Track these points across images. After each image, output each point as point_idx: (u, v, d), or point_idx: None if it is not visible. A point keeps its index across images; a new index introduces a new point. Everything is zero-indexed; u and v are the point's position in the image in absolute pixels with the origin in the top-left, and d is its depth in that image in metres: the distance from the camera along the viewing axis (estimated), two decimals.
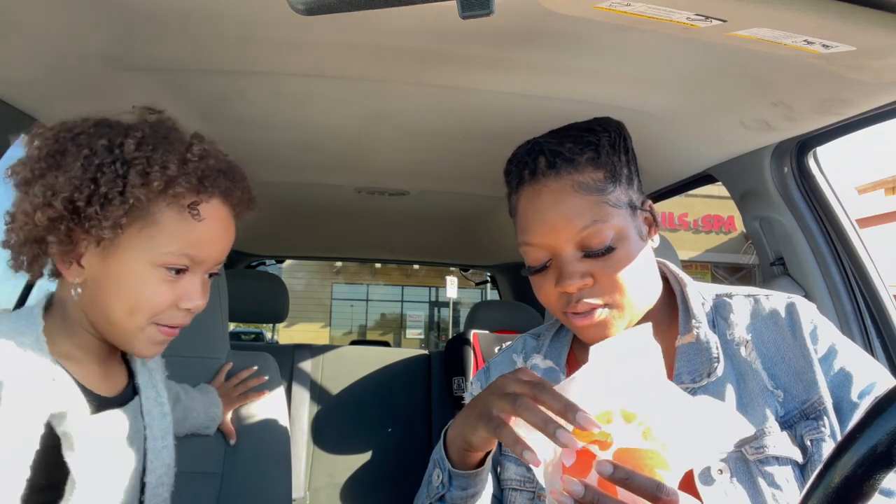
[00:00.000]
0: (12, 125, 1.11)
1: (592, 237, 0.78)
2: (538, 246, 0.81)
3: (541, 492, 0.82)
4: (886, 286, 1.24)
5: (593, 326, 0.79)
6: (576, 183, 0.79)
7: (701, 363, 0.80)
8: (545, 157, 0.82)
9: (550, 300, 0.82)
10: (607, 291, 0.78)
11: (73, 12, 0.90)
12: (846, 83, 0.92)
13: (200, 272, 0.78)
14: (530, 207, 0.82)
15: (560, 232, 0.78)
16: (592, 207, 0.78)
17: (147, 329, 0.76)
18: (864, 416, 0.44)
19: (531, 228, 0.81)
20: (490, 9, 0.54)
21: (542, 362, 0.90)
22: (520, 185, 0.84)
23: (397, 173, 1.80)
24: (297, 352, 2.39)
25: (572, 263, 0.79)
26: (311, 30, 0.95)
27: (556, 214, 0.79)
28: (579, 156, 0.80)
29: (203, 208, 0.75)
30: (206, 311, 1.29)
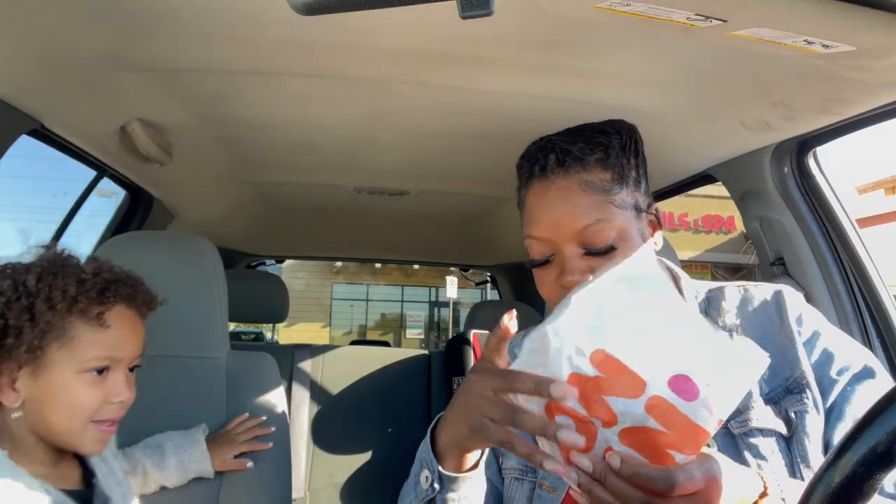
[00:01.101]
0: (12, 125, 1.11)
1: (595, 235, 0.80)
2: (542, 240, 0.83)
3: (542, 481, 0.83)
4: (886, 286, 1.24)
5: None
6: (583, 182, 0.82)
7: None
8: (556, 154, 0.84)
9: (551, 294, 0.85)
10: None
11: (73, 12, 0.90)
12: (846, 83, 0.92)
13: (121, 369, 0.90)
14: (537, 202, 0.85)
15: (564, 228, 0.81)
16: (597, 206, 0.80)
17: (88, 429, 0.87)
18: (864, 416, 0.44)
19: (537, 223, 0.84)
20: (490, 9, 0.54)
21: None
22: (529, 180, 0.87)
23: (397, 173, 1.79)
24: (297, 352, 2.38)
25: (574, 260, 0.81)
26: (311, 30, 0.95)
27: (562, 211, 0.81)
28: (589, 155, 0.83)
29: (109, 315, 0.87)
30: (205, 312, 1.30)
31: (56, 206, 2.19)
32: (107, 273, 0.90)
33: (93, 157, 1.44)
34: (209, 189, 1.92)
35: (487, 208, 2.17)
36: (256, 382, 1.31)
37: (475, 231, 2.51)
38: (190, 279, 1.28)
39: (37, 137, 1.25)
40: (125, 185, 1.75)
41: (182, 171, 1.65)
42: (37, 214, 7.01)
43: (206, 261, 1.30)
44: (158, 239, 1.38)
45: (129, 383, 0.91)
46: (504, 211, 2.19)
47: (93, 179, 1.77)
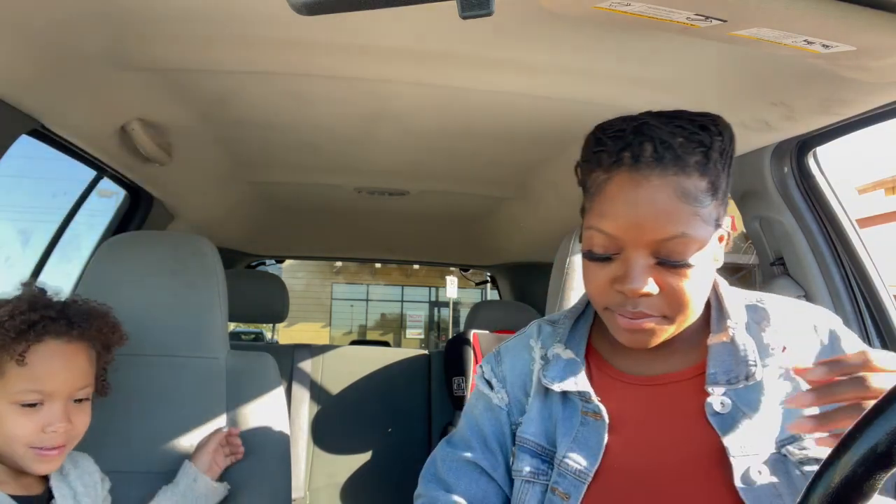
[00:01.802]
0: (12, 125, 1.11)
1: (675, 247, 0.72)
2: (613, 237, 0.74)
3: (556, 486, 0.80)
4: (886, 286, 1.24)
5: (638, 332, 0.76)
6: (680, 187, 0.72)
7: (737, 365, 0.77)
8: (653, 145, 0.73)
9: (600, 293, 0.77)
10: (668, 305, 0.74)
11: (73, 12, 0.90)
12: (846, 83, 0.92)
13: (58, 401, 0.93)
14: (620, 195, 0.74)
15: (646, 233, 0.72)
16: (687, 218, 0.72)
17: (27, 454, 0.91)
18: (864, 416, 0.44)
19: (614, 217, 0.74)
20: (490, 9, 0.54)
21: (564, 352, 0.85)
22: (615, 166, 0.75)
23: (397, 173, 1.79)
24: (297, 352, 2.38)
25: (643, 267, 0.73)
26: (310, 30, 0.95)
27: (649, 214, 0.72)
28: (689, 156, 0.73)
29: (35, 350, 0.92)
30: (205, 312, 1.30)
31: (56, 206, 2.18)
32: (26, 314, 0.93)
33: (93, 156, 1.43)
34: (209, 189, 1.92)
35: (487, 208, 2.17)
36: (256, 382, 1.31)
37: (475, 231, 2.51)
38: (190, 279, 1.28)
39: (37, 137, 1.25)
40: (125, 185, 1.75)
41: (182, 171, 1.65)
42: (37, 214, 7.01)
43: (206, 261, 1.30)
44: (158, 239, 1.38)
45: (75, 413, 0.95)
46: (504, 211, 2.19)
47: (93, 179, 1.77)
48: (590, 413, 0.79)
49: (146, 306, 1.25)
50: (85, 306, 1.03)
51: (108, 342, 1.04)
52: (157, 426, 1.21)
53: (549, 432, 0.82)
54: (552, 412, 0.83)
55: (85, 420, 0.98)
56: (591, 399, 0.79)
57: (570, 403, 0.82)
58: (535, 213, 2.10)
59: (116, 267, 1.27)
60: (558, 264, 1.25)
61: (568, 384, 0.81)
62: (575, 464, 0.77)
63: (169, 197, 1.87)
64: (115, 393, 1.19)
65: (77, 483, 1.02)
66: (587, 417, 0.79)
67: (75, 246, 2.04)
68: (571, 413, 0.81)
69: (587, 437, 0.78)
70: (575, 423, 0.80)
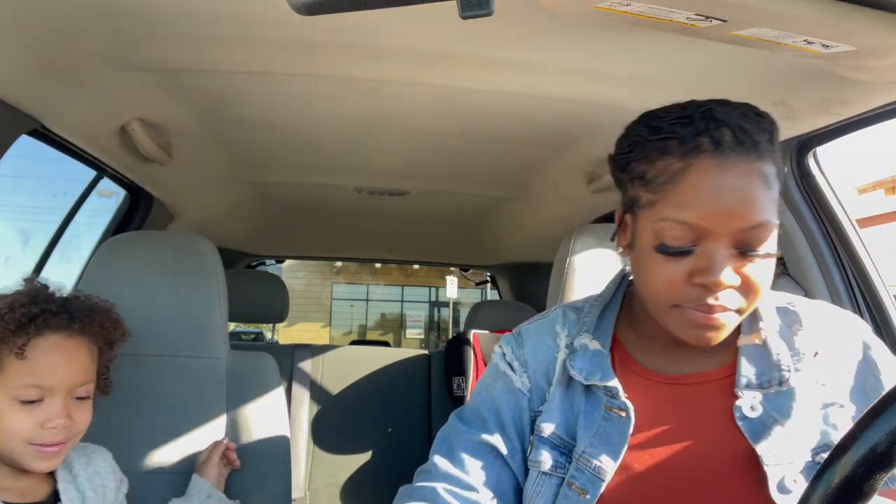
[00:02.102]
0: (12, 125, 1.11)
1: (759, 235, 0.69)
2: (695, 227, 0.69)
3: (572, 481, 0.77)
4: (886, 286, 1.24)
5: (710, 328, 0.72)
6: (762, 172, 0.69)
7: (769, 369, 0.76)
8: (731, 130, 0.70)
9: (672, 288, 0.72)
10: (745, 296, 0.71)
11: (73, 12, 0.90)
12: (846, 83, 0.92)
13: (58, 396, 0.92)
14: (707, 183, 0.69)
15: (735, 221, 0.68)
16: (768, 205, 0.69)
17: (26, 450, 0.90)
18: (863, 416, 0.44)
19: (699, 206, 0.69)
20: (490, 9, 0.54)
21: (591, 343, 0.82)
22: (695, 153, 0.70)
23: (397, 173, 1.79)
24: (297, 352, 2.38)
25: (725, 257, 0.69)
26: (310, 30, 0.95)
27: (739, 201, 0.68)
28: (762, 141, 0.70)
29: (36, 344, 0.91)
30: (205, 312, 1.29)
31: (56, 206, 2.18)
32: (26, 307, 0.92)
33: (93, 157, 1.43)
34: (209, 189, 1.92)
35: (487, 208, 2.17)
36: (256, 382, 1.31)
37: (475, 231, 2.51)
38: (190, 279, 1.28)
39: (37, 137, 1.25)
40: (125, 185, 1.75)
41: (182, 171, 1.65)
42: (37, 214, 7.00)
43: (206, 261, 1.30)
44: (158, 239, 1.38)
45: (76, 410, 0.94)
46: (504, 211, 2.19)
47: (93, 179, 1.77)
48: (614, 409, 0.77)
49: (146, 306, 1.25)
50: (87, 302, 1.02)
51: (111, 338, 1.03)
52: (157, 426, 1.21)
53: (570, 424, 0.79)
54: (574, 403, 0.80)
55: (86, 417, 0.97)
56: (619, 395, 0.77)
57: (594, 397, 0.79)
58: (535, 213, 2.10)
59: (116, 267, 1.27)
60: (558, 264, 1.25)
61: (595, 378, 0.78)
62: (595, 460, 0.75)
63: (169, 197, 1.87)
64: (115, 392, 1.19)
65: (86, 486, 1.01)
66: (611, 413, 0.77)
67: (75, 246, 2.04)
68: (594, 407, 0.78)
69: (609, 434, 0.76)
70: (597, 417, 0.77)
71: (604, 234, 1.27)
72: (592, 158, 1.54)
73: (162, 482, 1.18)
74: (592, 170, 1.60)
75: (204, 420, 1.25)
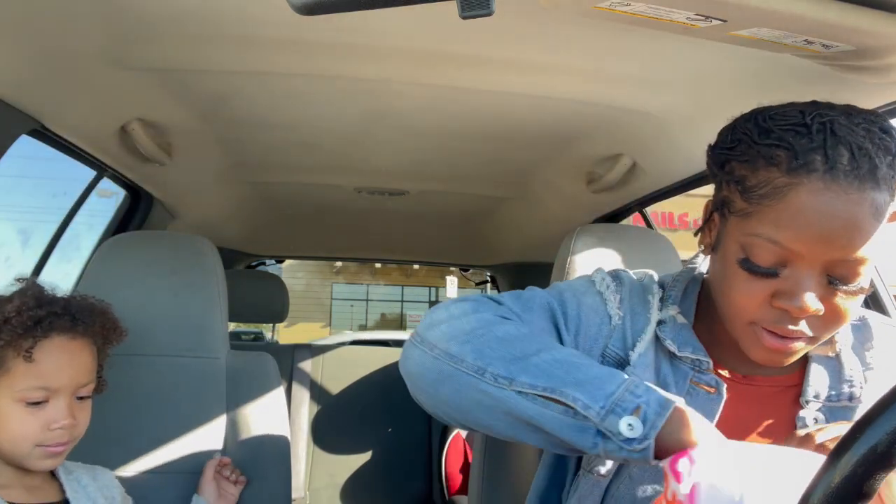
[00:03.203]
0: (12, 125, 1.11)
1: (855, 268, 0.65)
2: (788, 250, 0.65)
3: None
4: (886, 286, 1.24)
5: (779, 352, 0.69)
6: (874, 204, 0.63)
7: (839, 383, 0.74)
8: (850, 151, 0.63)
9: (753, 307, 0.69)
10: (824, 327, 0.68)
11: (73, 12, 0.90)
12: (846, 83, 0.91)
13: (63, 397, 0.93)
14: (812, 208, 0.63)
15: (832, 251, 0.64)
16: (874, 238, 0.64)
17: (33, 452, 0.91)
18: (864, 416, 0.44)
19: (798, 230, 0.64)
20: (490, 9, 0.54)
21: (678, 316, 0.79)
22: (804, 171, 0.64)
23: (397, 173, 1.79)
24: (297, 352, 2.39)
25: (815, 285, 0.65)
26: (311, 30, 0.95)
27: (844, 231, 0.63)
28: (881, 167, 0.63)
29: (42, 346, 0.91)
30: (205, 312, 1.30)
31: (56, 206, 2.18)
32: (35, 309, 0.93)
33: (93, 157, 1.43)
34: (209, 189, 1.92)
35: (487, 208, 2.17)
36: (256, 382, 1.31)
37: (475, 231, 2.51)
38: (190, 279, 1.28)
39: (37, 137, 1.25)
40: (125, 185, 1.75)
41: (182, 171, 1.65)
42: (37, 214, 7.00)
43: (206, 261, 1.30)
44: (158, 239, 1.38)
45: (79, 410, 0.95)
46: (504, 211, 2.19)
47: (93, 179, 1.77)
48: (701, 384, 0.74)
49: (146, 306, 1.25)
50: (85, 302, 1.03)
51: (109, 338, 1.05)
52: (157, 426, 1.22)
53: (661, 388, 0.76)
54: (661, 369, 0.77)
55: (87, 417, 0.98)
56: (708, 369, 0.74)
57: (679, 371, 0.76)
58: (535, 214, 2.10)
59: (116, 267, 1.27)
60: (559, 264, 1.25)
61: (687, 350, 0.76)
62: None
63: (169, 197, 1.87)
64: (115, 393, 1.19)
65: (98, 495, 1.02)
66: (697, 388, 0.74)
67: (75, 246, 2.04)
68: (679, 379, 0.76)
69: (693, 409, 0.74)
70: (681, 390, 0.75)
71: (604, 234, 1.27)
72: (592, 158, 1.54)
73: (162, 482, 1.18)
74: (592, 170, 1.60)
75: (204, 420, 1.25)
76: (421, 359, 0.72)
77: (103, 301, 1.07)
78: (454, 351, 0.69)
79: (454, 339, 0.70)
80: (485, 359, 0.67)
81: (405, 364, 0.75)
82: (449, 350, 0.69)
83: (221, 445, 1.24)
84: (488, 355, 0.67)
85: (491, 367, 0.66)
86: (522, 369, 0.65)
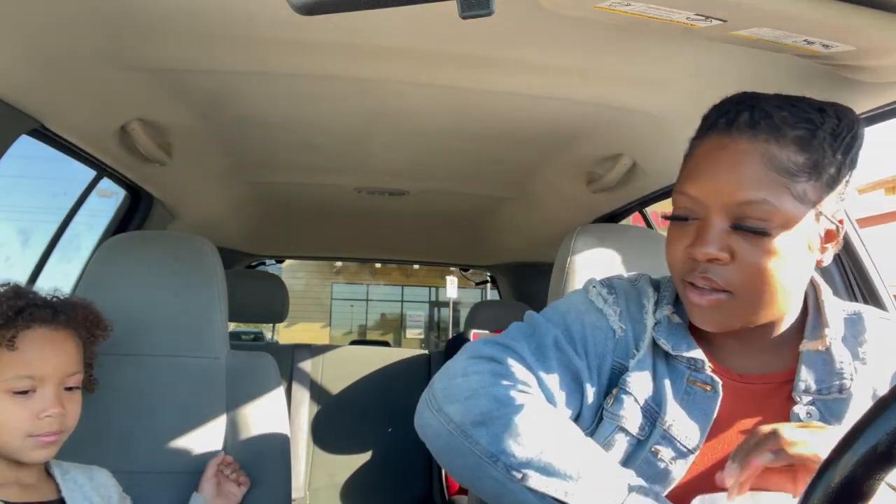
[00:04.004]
0: (12, 125, 1.11)
1: (754, 212, 0.69)
2: (695, 200, 0.73)
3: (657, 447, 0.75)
4: (886, 286, 1.24)
5: (703, 308, 0.73)
6: (769, 154, 0.69)
7: (830, 376, 0.75)
8: (751, 113, 0.71)
9: (676, 259, 0.75)
10: (738, 277, 0.71)
11: (73, 12, 0.90)
12: (846, 83, 0.92)
13: (50, 386, 0.94)
14: (706, 158, 0.73)
15: (723, 196, 0.70)
16: (772, 186, 0.69)
17: (25, 442, 0.92)
18: (864, 416, 0.44)
19: (695, 181, 0.73)
20: (490, 9, 0.54)
21: (672, 316, 0.81)
22: (708, 131, 0.75)
23: (397, 173, 1.80)
24: (297, 352, 2.39)
25: (716, 232, 0.71)
26: (310, 30, 0.95)
27: (730, 176, 0.70)
28: (789, 129, 0.70)
29: (24, 336, 0.93)
30: (205, 312, 1.30)
31: (56, 206, 2.18)
32: (12, 300, 0.95)
33: (93, 157, 1.44)
34: (209, 189, 1.92)
35: (487, 208, 2.17)
36: (256, 382, 1.31)
37: (475, 231, 2.51)
38: (190, 279, 1.28)
39: (37, 137, 1.25)
40: (125, 185, 1.75)
41: (182, 171, 1.65)
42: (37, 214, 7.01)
43: (206, 261, 1.30)
44: (158, 239, 1.38)
45: (67, 401, 0.97)
46: (504, 211, 2.19)
47: (93, 179, 1.77)
48: (698, 383, 0.76)
49: (146, 306, 1.25)
50: (67, 298, 1.04)
51: (93, 332, 1.06)
52: (157, 426, 1.21)
53: (657, 392, 0.78)
54: (657, 371, 0.79)
55: (76, 409, 0.99)
56: (704, 368, 0.76)
57: (676, 371, 0.78)
58: (535, 214, 2.10)
59: (116, 267, 1.27)
60: (559, 264, 1.25)
61: (681, 349, 0.78)
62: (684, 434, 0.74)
63: (169, 197, 1.87)
64: (115, 393, 1.19)
65: (94, 495, 1.03)
66: (693, 387, 0.76)
67: (75, 246, 2.04)
68: (676, 379, 0.78)
69: (691, 408, 0.75)
70: (678, 390, 0.77)
71: (604, 234, 1.27)
72: (592, 158, 1.54)
73: (162, 482, 1.18)
74: (592, 170, 1.60)
75: (204, 420, 1.25)
76: (437, 429, 0.74)
77: (85, 299, 1.08)
78: (469, 432, 0.71)
79: (469, 417, 0.71)
80: (499, 445, 0.69)
81: (421, 424, 0.76)
82: (464, 429, 0.71)
83: (221, 445, 1.24)
84: (502, 443, 0.69)
85: (504, 456, 0.68)
86: (536, 466, 0.67)
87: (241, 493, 1.18)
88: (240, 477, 1.19)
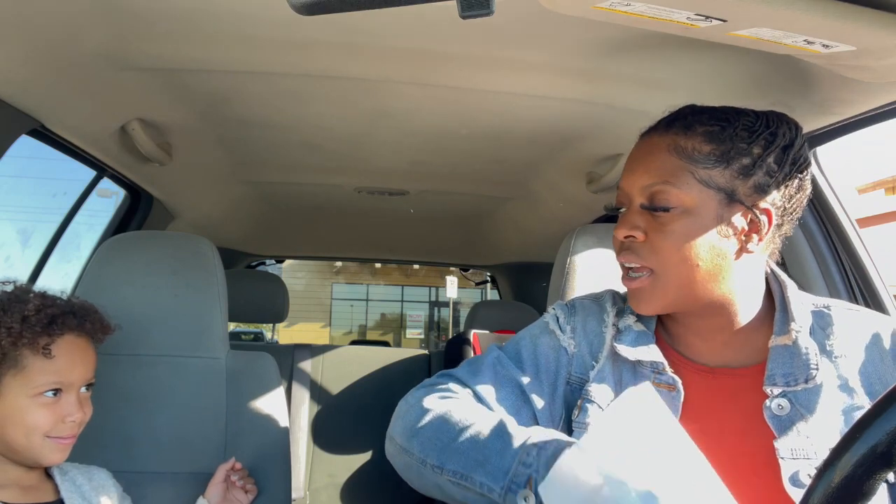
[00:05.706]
0: (12, 125, 1.11)
1: (657, 195, 0.78)
2: (622, 190, 0.83)
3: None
4: (886, 286, 1.24)
5: (635, 291, 0.81)
6: (675, 144, 0.78)
7: (797, 367, 0.77)
8: (672, 117, 0.82)
9: (614, 246, 0.84)
10: (650, 253, 0.78)
11: (73, 12, 0.90)
12: (846, 83, 0.92)
13: (74, 391, 0.97)
14: (631, 156, 0.84)
15: (636, 181, 0.80)
16: (673, 171, 0.77)
17: (45, 444, 0.94)
18: (863, 416, 0.44)
19: (624, 174, 0.83)
20: (490, 9, 0.54)
21: (635, 325, 0.86)
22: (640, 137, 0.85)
23: (397, 173, 1.80)
24: (297, 352, 2.38)
25: (632, 214, 0.80)
26: (310, 30, 0.95)
27: (641, 164, 0.80)
28: (699, 126, 0.79)
29: (55, 346, 0.95)
30: (205, 312, 1.29)
31: (56, 206, 2.19)
32: (50, 308, 0.97)
33: (93, 157, 1.44)
34: (209, 189, 1.92)
35: (487, 208, 2.17)
36: (256, 382, 1.31)
37: (475, 231, 2.51)
38: (190, 279, 1.28)
39: (37, 137, 1.25)
40: (125, 185, 1.75)
41: (182, 171, 1.65)
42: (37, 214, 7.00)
43: (206, 261, 1.30)
44: (158, 239, 1.38)
45: (84, 402, 0.99)
46: (504, 211, 2.19)
47: (93, 179, 1.77)
48: (662, 385, 0.79)
49: (146, 306, 1.25)
50: (80, 302, 1.06)
51: (101, 336, 1.07)
52: (157, 426, 1.21)
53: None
54: (622, 378, 0.83)
55: (90, 411, 1.01)
56: (665, 370, 0.80)
57: (641, 376, 0.82)
58: (535, 213, 2.10)
59: (116, 267, 1.27)
60: (559, 264, 1.25)
61: (640, 353, 0.82)
62: None
63: (169, 197, 1.87)
64: (116, 393, 1.19)
65: (93, 495, 1.04)
66: (659, 389, 0.79)
67: (75, 246, 2.04)
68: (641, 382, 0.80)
69: None
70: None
71: (604, 233, 1.27)
72: (592, 158, 1.54)
73: (162, 482, 1.18)
74: (592, 170, 1.60)
75: (204, 420, 1.25)
76: (392, 450, 0.83)
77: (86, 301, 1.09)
78: (406, 445, 0.79)
79: (406, 433, 0.80)
80: (425, 450, 0.76)
81: (387, 449, 0.85)
82: (403, 444, 0.79)
83: (221, 446, 1.24)
84: (427, 446, 0.76)
85: (429, 457, 0.75)
86: (448, 457, 0.73)
87: (248, 500, 1.18)
88: (247, 484, 1.19)
